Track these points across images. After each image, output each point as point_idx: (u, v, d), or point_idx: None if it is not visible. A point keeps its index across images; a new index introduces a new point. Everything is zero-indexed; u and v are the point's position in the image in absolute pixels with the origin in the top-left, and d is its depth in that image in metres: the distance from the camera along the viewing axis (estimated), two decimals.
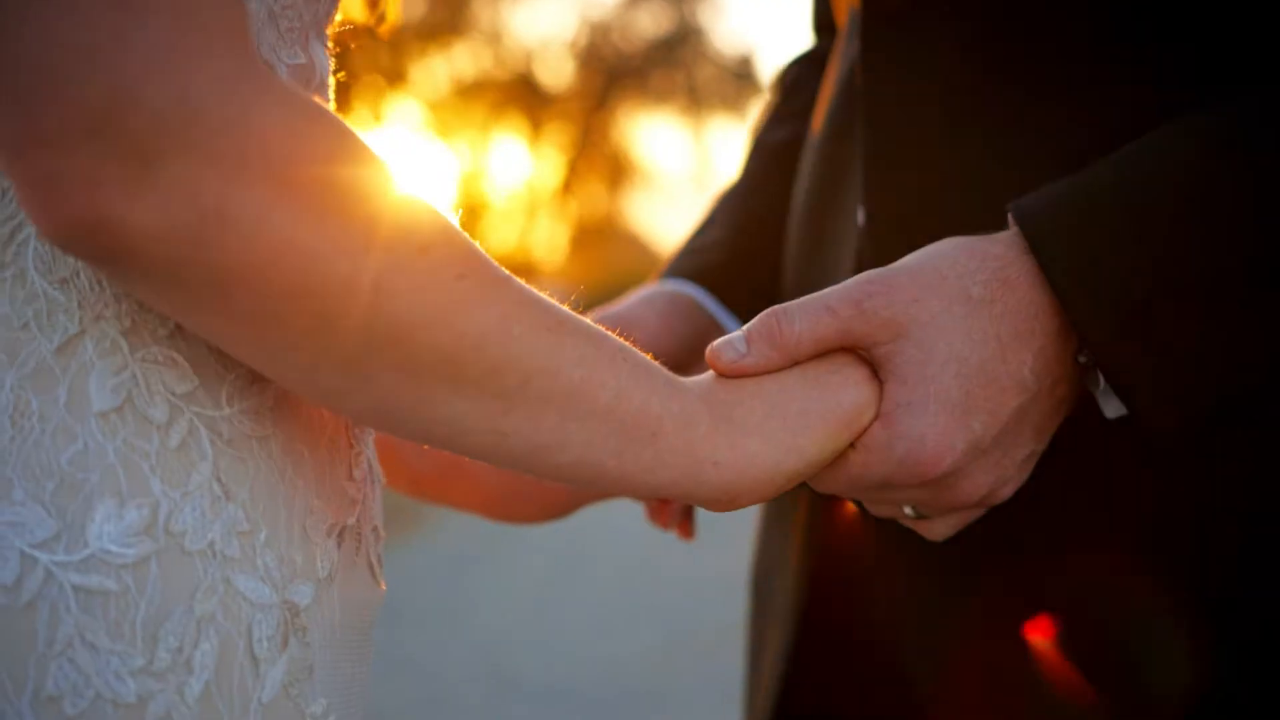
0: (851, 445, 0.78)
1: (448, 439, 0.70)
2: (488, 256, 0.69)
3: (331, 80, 0.79)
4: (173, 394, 0.68)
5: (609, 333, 0.73)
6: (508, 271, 0.70)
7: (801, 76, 1.25)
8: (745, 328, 0.78)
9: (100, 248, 0.60)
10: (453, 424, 0.69)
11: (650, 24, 24.77)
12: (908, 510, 0.82)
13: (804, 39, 1.28)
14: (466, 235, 0.69)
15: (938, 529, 0.83)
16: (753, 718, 1.06)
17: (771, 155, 1.22)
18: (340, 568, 0.74)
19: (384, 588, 0.80)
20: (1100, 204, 0.78)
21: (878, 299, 0.77)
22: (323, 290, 0.62)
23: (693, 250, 1.20)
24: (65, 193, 0.58)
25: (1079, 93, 0.86)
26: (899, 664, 0.93)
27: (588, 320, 0.72)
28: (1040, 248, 0.78)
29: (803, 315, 0.77)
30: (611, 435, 0.72)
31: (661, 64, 24.75)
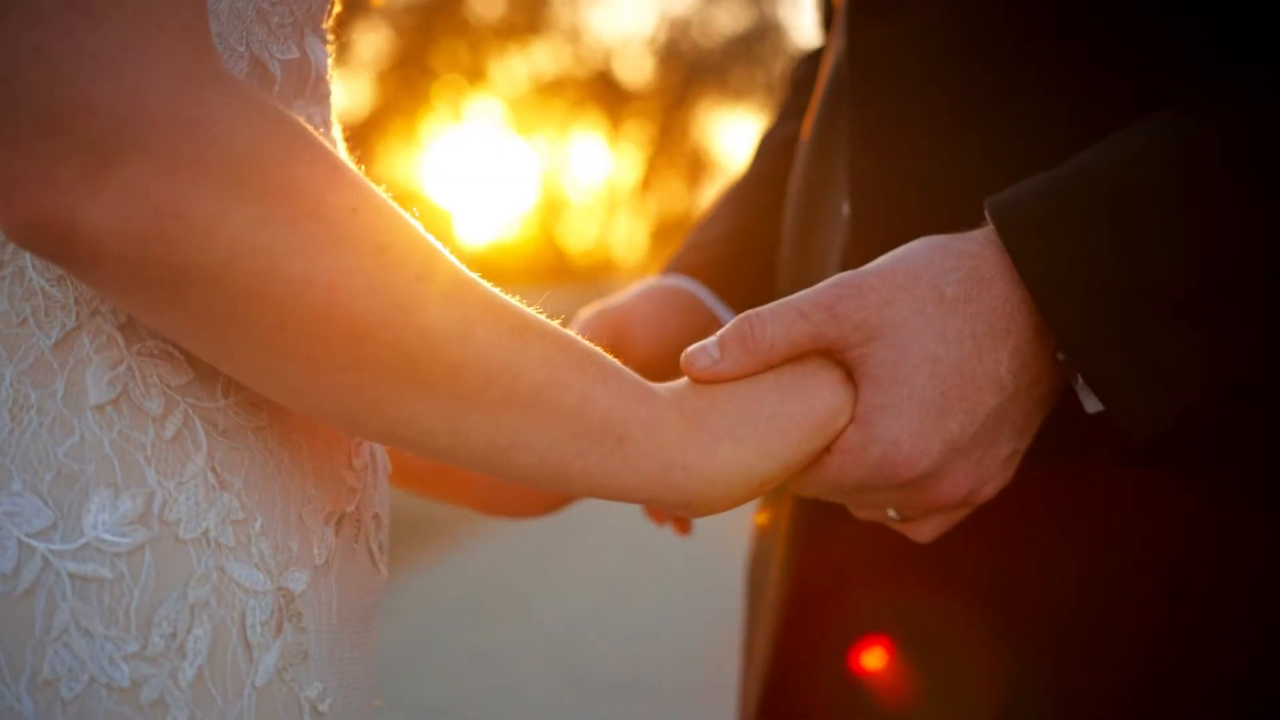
0: (828, 449, 0.77)
1: (409, 439, 0.70)
2: (451, 257, 0.69)
3: (332, 74, 0.80)
4: (168, 386, 0.69)
5: (576, 336, 0.73)
6: (472, 273, 0.69)
7: (809, 72, 1.25)
8: (719, 333, 0.78)
9: (56, 246, 0.61)
10: (413, 424, 0.69)
11: (729, 20, 24.73)
12: (891, 513, 0.82)
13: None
14: (428, 235, 0.68)
15: (922, 531, 0.82)
16: (745, 709, 1.06)
17: (776, 150, 1.22)
18: (338, 555, 0.75)
19: (384, 574, 0.81)
20: (1075, 199, 0.77)
21: (849, 302, 0.76)
22: (279, 290, 0.62)
23: (694, 245, 1.20)
24: (22, 191, 0.59)
25: (1064, 85, 0.84)
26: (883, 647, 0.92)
27: (554, 324, 0.72)
28: (1013, 244, 0.77)
29: (775, 320, 0.77)
30: (576, 438, 0.71)
31: (741, 60, 24.70)
